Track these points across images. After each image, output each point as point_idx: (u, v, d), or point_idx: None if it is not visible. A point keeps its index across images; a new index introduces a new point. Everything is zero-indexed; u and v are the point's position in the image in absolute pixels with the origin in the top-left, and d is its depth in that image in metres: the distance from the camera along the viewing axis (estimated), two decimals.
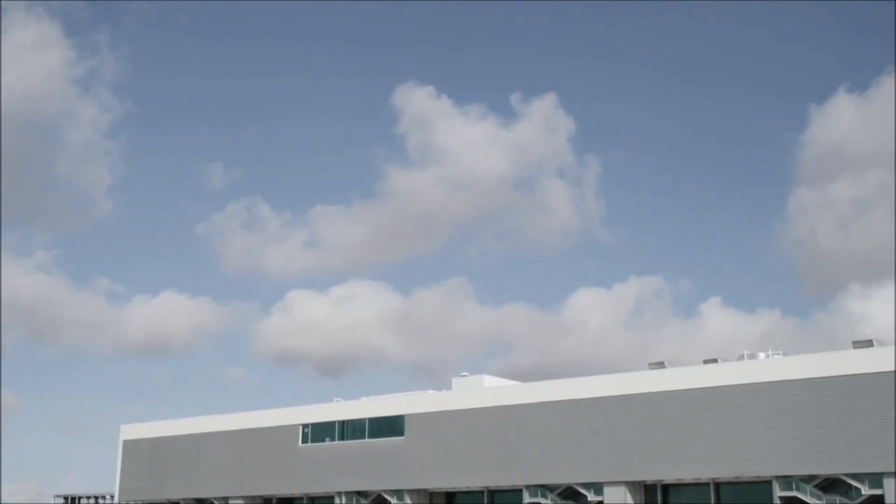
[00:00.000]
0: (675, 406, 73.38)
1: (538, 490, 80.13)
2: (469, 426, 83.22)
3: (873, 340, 69.93)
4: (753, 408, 70.11)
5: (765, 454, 69.26)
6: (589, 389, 78.22)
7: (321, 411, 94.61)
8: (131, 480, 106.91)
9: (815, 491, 68.60)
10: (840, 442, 66.69)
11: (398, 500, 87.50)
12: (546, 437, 78.90)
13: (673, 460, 72.98)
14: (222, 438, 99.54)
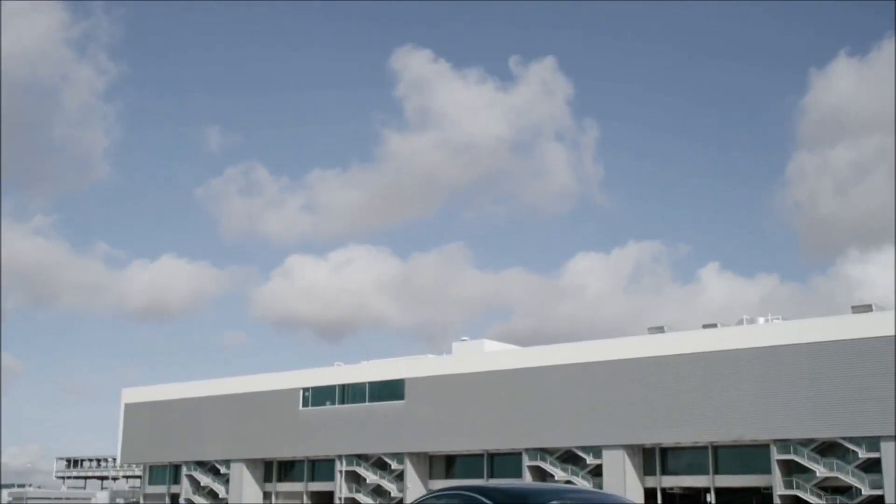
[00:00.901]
0: (674, 370, 73.69)
1: (537, 454, 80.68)
2: (469, 390, 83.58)
3: (872, 305, 70.15)
4: (752, 372, 70.43)
5: (763, 418, 69.67)
6: (588, 354, 78.53)
7: (321, 375, 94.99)
8: (133, 443, 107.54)
9: (812, 454, 69.12)
10: (838, 406, 67.10)
11: (398, 463, 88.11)
12: (545, 401, 79.29)
13: (671, 424, 73.41)
14: (223, 402, 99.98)
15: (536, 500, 8.75)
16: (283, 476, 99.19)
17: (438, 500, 9.73)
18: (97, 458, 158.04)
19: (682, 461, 76.61)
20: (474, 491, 9.22)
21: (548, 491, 9.55)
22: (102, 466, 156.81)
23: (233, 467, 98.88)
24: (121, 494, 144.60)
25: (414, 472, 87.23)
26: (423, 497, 9.96)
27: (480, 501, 8.93)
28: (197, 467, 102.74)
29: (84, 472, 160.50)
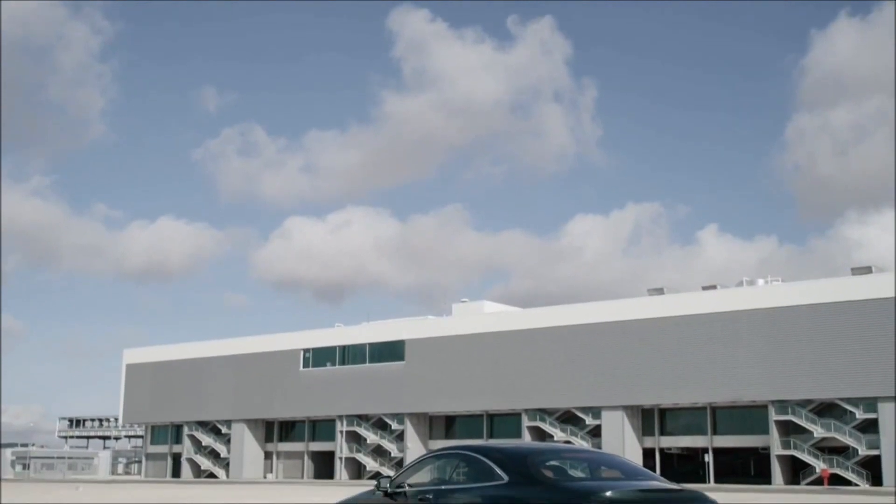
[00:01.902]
0: (674, 332, 73.92)
1: (537, 414, 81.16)
2: (469, 351, 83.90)
3: (872, 267, 70.22)
4: (752, 334, 70.65)
5: (762, 379, 70.01)
6: (588, 315, 78.72)
7: (322, 336, 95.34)
8: (135, 403, 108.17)
9: (809, 415, 69.55)
10: (837, 367, 67.40)
11: (398, 423, 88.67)
12: (545, 362, 79.61)
13: (670, 385, 73.77)
14: (224, 363, 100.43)
15: (536, 460, 8.78)
16: (284, 436, 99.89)
17: (438, 459, 9.78)
18: (99, 418, 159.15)
19: (680, 422, 77.13)
20: (473, 450, 9.27)
21: (547, 450, 9.60)
22: (105, 426, 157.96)
23: (234, 427, 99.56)
24: (123, 454, 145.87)
25: (414, 433, 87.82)
26: (423, 456, 10.02)
27: (479, 461, 8.98)
28: (198, 427, 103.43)
29: (86, 432, 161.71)
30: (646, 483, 8.46)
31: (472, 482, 8.86)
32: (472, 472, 9.01)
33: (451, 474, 9.27)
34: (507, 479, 8.48)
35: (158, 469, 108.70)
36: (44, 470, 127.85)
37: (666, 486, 8.36)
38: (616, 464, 9.42)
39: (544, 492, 8.03)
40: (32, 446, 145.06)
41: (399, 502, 9.51)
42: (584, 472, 9.18)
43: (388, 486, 9.75)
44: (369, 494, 10.16)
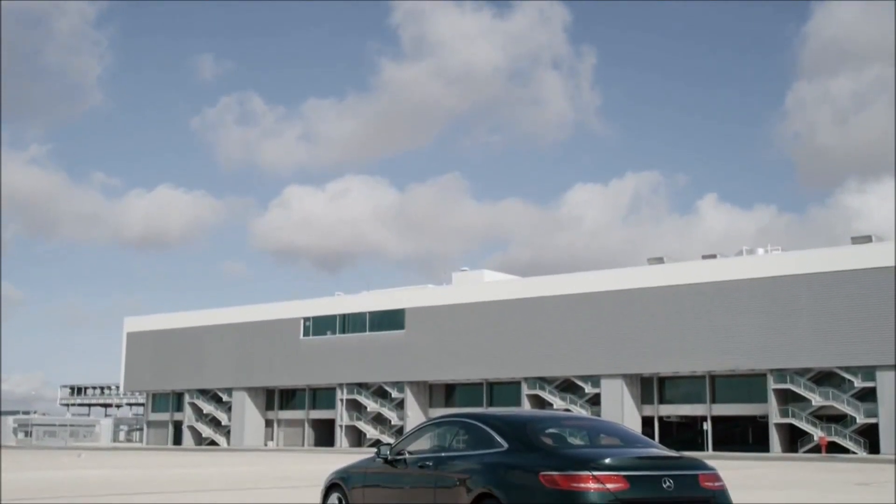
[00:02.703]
0: (673, 301, 74.04)
1: (536, 383, 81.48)
2: (469, 320, 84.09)
3: (872, 236, 70.22)
4: (751, 303, 70.76)
5: (760, 348, 70.22)
6: (588, 284, 78.81)
7: (322, 305, 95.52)
8: (136, 371, 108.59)
9: (808, 383, 69.82)
10: (836, 336, 67.56)
11: (398, 391, 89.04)
12: (545, 331, 79.81)
13: (669, 354, 74.00)
14: (225, 331, 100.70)
15: (535, 427, 8.82)
16: (284, 404, 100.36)
17: (438, 427, 9.82)
18: (100, 386, 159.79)
19: (679, 390, 77.46)
20: (473, 418, 9.31)
21: (546, 418, 9.64)
22: (106, 394, 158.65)
23: (235, 395, 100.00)
24: (124, 422, 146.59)
25: (414, 401, 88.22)
26: (423, 424, 10.06)
27: (479, 428, 9.02)
28: (199, 395, 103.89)
29: (88, 400, 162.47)
30: (645, 450, 8.50)
31: (472, 449, 8.90)
32: (471, 439, 9.06)
33: (450, 442, 9.31)
34: (507, 446, 8.53)
35: (160, 437, 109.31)
36: (46, 437, 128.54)
37: (665, 454, 8.40)
38: (615, 431, 9.46)
39: (543, 459, 8.07)
40: (34, 414, 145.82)
41: (399, 469, 9.57)
42: (584, 439, 9.22)
43: (388, 454, 9.81)
44: (370, 461, 10.22)
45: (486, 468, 8.41)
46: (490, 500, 8.15)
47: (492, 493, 8.13)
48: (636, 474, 7.83)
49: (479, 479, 8.36)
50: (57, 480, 26.02)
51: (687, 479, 8.05)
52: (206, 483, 25.07)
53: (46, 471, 32.69)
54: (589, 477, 7.65)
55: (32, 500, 17.99)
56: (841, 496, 20.74)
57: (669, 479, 7.92)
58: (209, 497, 19.68)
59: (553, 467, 7.85)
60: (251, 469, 35.39)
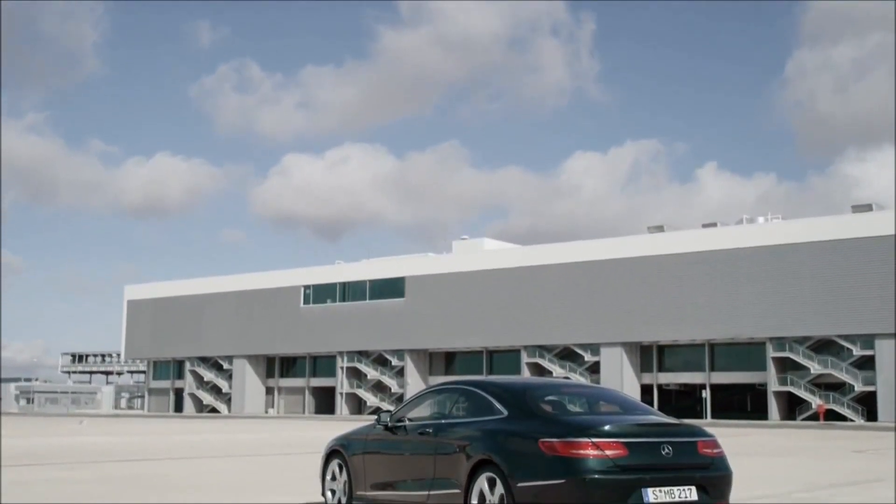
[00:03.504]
0: (673, 269, 74.09)
1: (536, 351, 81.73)
2: (469, 288, 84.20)
3: (872, 205, 70.16)
4: (751, 271, 70.82)
5: (760, 316, 70.36)
6: (589, 252, 78.82)
7: (322, 273, 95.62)
8: (136, 339, 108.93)
9: (807, 352, 70.04)
10: (835, 304, 67.68)
11: (398, 359, 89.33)
12: (545, 299, 79.93)
13: (669, 322, 74.15)
14: (225, 299, 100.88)
15: (535, 395, 8.86)
16: (285, 372, 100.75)
17: (438, 394, 9.85)
18: (101, 353, 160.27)
19: (678, 358, 77.70)
20: (473, 385, 9.34)
21: (546, 385, 9.67)
22: (107, 362, 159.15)
23: (235, 363, 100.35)
24: (126, 389, 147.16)
25: (414, 369, 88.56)
26: (423, 391, 10.10)
27: (479, 395, 9.05)
28: (200, 363, 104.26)
29: (89, 368, 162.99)
30: (644, 417, 8.54)
31: (472, 416, 8.95)
32: (471, 406, 9.09)
33: (450, 409, 9.35)
34: (507, 413, 8.56)
35: (161, 404, 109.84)
36: (47, 404, 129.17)
37: (664, 421, 8.44)
38: (614, 399, 9.50)
39: (543, 426, 8.11)
40: (35, 381, 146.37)
41: (399, 436, 9.62)
42: (583, 406, 9.26)
43: (388, 421, 9.85)
44: (370, 429, 10.27)
45: (486, 435, 8.45)
46: (489, 466, 8.20)
47: (491, 459, 8.18)
48: (635, 441, 7.88)
49: (479, 446, 8.41)
50: (59, 447, 26.18)
51: (686, 446, 8.10)
52: (208, 450, 25.23)
53: (49, 437, 32.89)
54: (588, 444, 7.70)
55: (36, 465, 18.11)
56: (838, 463, 20.89)
57: (668, 446, 7.97)
58: (212, 463, 19.82)
59: (552, 434, 7.89)
60: (252, 436, 35.59)
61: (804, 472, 18.20)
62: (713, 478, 8.13)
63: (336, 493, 10.42)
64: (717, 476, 8.16)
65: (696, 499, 7.95)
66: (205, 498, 12.29)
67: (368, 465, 9.94)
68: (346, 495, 10.22)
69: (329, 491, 10.54)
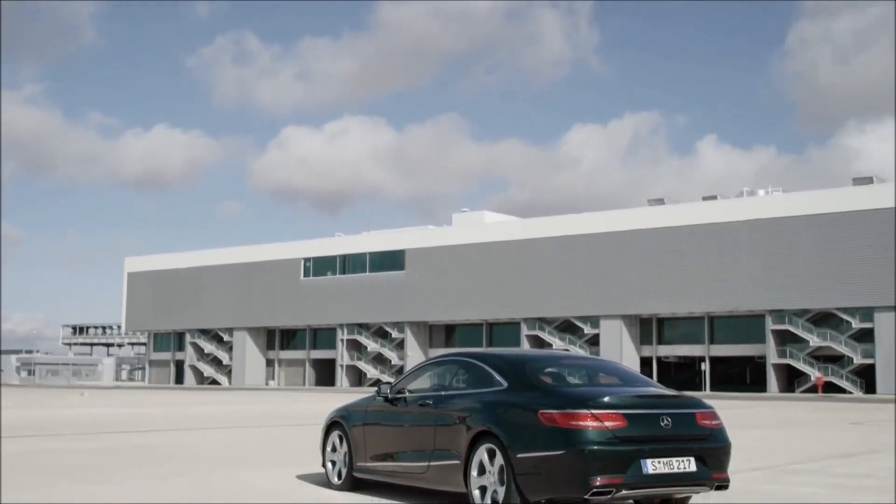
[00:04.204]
0: (673, 242, 74.09)
1: (536, 323, 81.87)
2: (469, 261, 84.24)
3: (873, 177, 70.04)
4: (751, 244, 70.83)
5: (759, 289, 70.44)
6: (589, 225, 78.80)
7: (322, 245, 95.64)
8: (137, 311, 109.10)
9: (806, 324, 70.16)
10: (834, 277, 67.74)
11: (398, 332, 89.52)
12: (545, 271, 79.99)
13: (668, 295, 74.25)
14: (226, 271, 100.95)
15: (534, 366, 8.87)
16: (285, 344, 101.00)
17: (438, 366, 9.87)
18: (102, 325, 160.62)
19: (678, 331, 77.87)
20: (473, 357, 9.35)
21: (546, 357, 9.69)
22: (108, 334, 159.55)
23: (236, 335, 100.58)
24: (126, 361, 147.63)
25: (414, 341, 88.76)
26: (423, 363, 10.12)
27: (479, 367, 9.07)
28: (200, 335, 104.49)
29: (89, 340, 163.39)
30: (643, 389, 8.56)
31: (472, 388, 8.97)
32: (471, 378, 9.11)
33: (450, 380, 9.38)
34: (506, 385, 8.58)
35: (161, 375, 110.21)
36: (49, 376, 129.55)
37: (663, 392, 8.46)
38: (614, 370, 9.52)
39: (542, 397, 8.13)
40: (37, 353, 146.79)
41: (399, 408, 9.65)
42: (582, 378, 9.27)
43: (388, 392, 9.88)
44: (370, 400, 10.30)
45: (486, 406, 8.48)
46: (489, 437, 8.23)
47: (491, 430, 8.21)
48: (634, 412, 7.90)
49: (479, 418, 8.43)
50: (60, 418, 26.29)
51: (685, 418, 8.13)
52: (208, 421, 25.34)
53: (50, 409, 33.02)
54: (587, 415, 7.72)
55: (36, 436, 18.20)
56: (835, 435, 20.98)
57: (667, 418, 8.00)
58: (212, 434, 19.91)
59: (552, 406, 7.91)
60: (253, 407, 35.74)
61: (802, 443, 18.30)
62: (712, 449, 8.16)
63: (336, 464, 10.47)
64: (715, 447, 8.20)
65: (695, 470, 7.99)
66: (205, 468, 12.36)
67: (369, 436, 9.98)
68: (346, 466, 10.27)
69: (329, 462, 10.59)
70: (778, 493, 10.20)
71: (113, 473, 11.76)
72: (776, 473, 12.21)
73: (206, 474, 11.69)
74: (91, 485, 10.59)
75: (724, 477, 8.21)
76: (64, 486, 10.48)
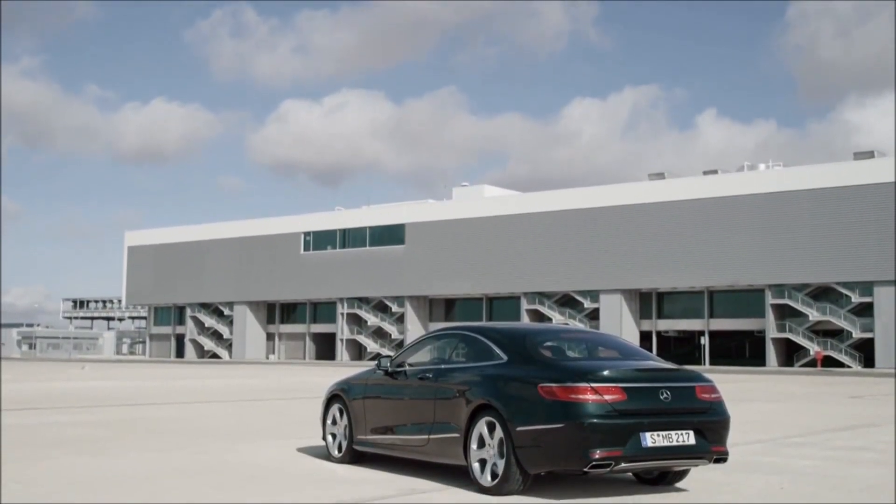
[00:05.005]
0: (673, 216, 74.02)
1: (536, 297, 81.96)
2: (469, 235, 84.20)
3: (874, 152, 69.89)
4: (751, 218, 70.77)
5: (759, 264, 70.46)
6: (589, 199, 78.71)
7: (322, 220, 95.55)
8: (137, 285, 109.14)
9: (806, 298, 70.24)
10: (834, 252, 67.74)
11: (398, 306, 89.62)
12: (544, 246, 79.98)
13: (668, 269, 74.28)
14: (226, 245, 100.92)
15: (534, 340, 8.86)
16: (285, 318, 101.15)
17: (438, 339, 9.87)
18: (103, 299, 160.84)
19: (677, 305, 77.96)
20: (473, 331, 9.35)
21: (545, 331, 9.68)
22: (108, 307, 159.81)
23: (236, 309, 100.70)
24: (127, 334, 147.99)
25: (414, 315, 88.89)
26: (423, 337, 10.12)
27: (479, 341, 9.06)
28: (201, 309, 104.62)
29: (90, 313, 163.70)
30: (642, 363, 8.56)
31: (472, 361, 8.97)
32: (471, 351, 9.11)
33: (450, 354, 9.38)
34: (506, 358, 8.58)
35: (162, 349, 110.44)
36: (50, 349, 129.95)
37: (662, 366, 8.46)
38: (614, 344, 9.52)
39: (542, 371, 8.13)
40: (37, 326, 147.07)
41: (399, 381, 9.65)
42: (582, 352, 9.27)
43: (388, 366, 9.88)
44: (370, 373, 10.31)
45: (486, 380, 8.48)
46: (489, 410, 8.24)
47: (491, 404, 8.22)
48: (634, 386, 7.90)
49: (479, 391, 8.44)
50: (61, 392, 26.37)
51: (684, 391, 8.13)
52: (208, 394, 25.42)
53: (51, 382, 33.10)
54: (587, 388, 7.72)
55: (37, 409, 18.25)
56: (834, 408, 21.04)
57: (667, 391, 8.00)
58: (212, 408, 19.96)
59: (551, 379, 7.91)
60: (254, 381, 35.83)
61: (801, 417, 18.35)
62: (711, 422, 8.17)
63: (337, 437, 10.49)
64: (714, 420, 8.20)
65: (694, 443, 8.00)
66: (205, 441, 12.39)
67: (369, 409, 9.99)
68: (346, 439, 10.29)
69: (330, 435, 10.61)
70: (777, 465, 10.22)
71: (113, 446, 11.79)
72: (775, 446, 12.24)
73: (206, 447, 11.72)
74: (91, 457, 10.62)
75: (723, 450, 8.23)
76: (64, 458, 10.52)
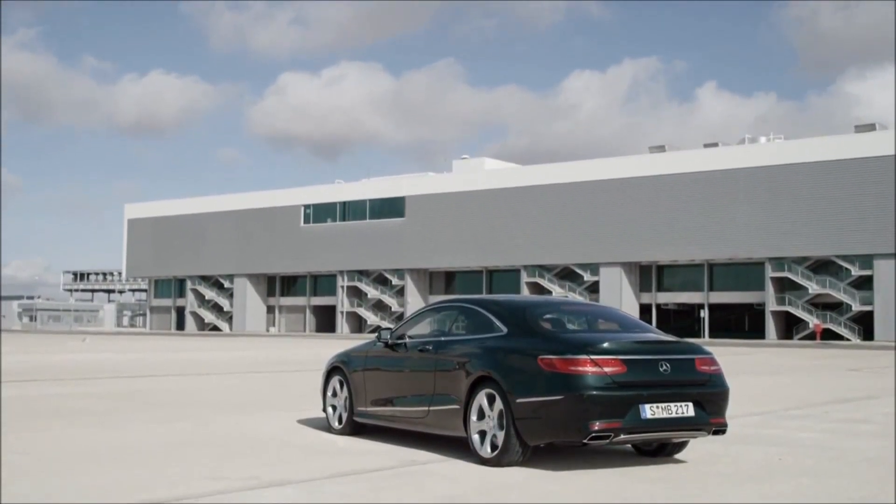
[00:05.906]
0: (673, 189, 73.93)
1: (535, 270, 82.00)
2: (469, 208, 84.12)
3: (876, 125, 69.70)
4: (751, 191, 70.68)
5: (759, 237, 70.46)
6: (589, 172, 78.58)
7: (322, 192, 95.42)
8: (137, 258, 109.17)
9: (805, 271, 70.29)
10: (834, 225, 67.72)
11: (399, 279, 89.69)
12: (544, 218, 79.92)
13: (668, 242, 74.27)
14: (226, 218, 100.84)
15: (534, 312, 8.87)
16: (285, 290, 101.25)
17: (438, 312, 9.87)
18: (103, 272, 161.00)
19: (677, 278, 78.04)
20: (473, 303, 9.35)
21: (545, 303, 9.69)
22: (108, 280, 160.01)
23: (236, 282, 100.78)
24: (128, 307, 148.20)
25: (414, 288, 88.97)
26: (423, 309, 10.12)
27: (479, 313, 9.06)
28: (201, 281, 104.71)
29: (90, 286, 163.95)
30: (642, 335, 8.56)
31: (472, 334, 8.97)
32: (471, 324, 9.12)
33: (450, 326, 9.38)
34: (506, 330, 8.59)
35: (163, 322, 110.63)
36: (50, 322, 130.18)
37: (662, 338, 8.47)
38: (614, 317, 9.52)
39: (542, 343, 8.14)
40: (38, 299, 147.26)
41: (399, 353, 9.67)
42: (582, 324, 9.28)
43: (388, 338, 9.89)
44: (370, 346, 10.32)
45: (486, 352, 8.49)
46: (489, 382, 8.25)
47: (491, 375, 8.23)
48: (633, 358, 7.91)
49: (479, 363, 8.45)
50: (62, 364, 26.43)
51: (683, 363, 8.14)
52: (209, 366, 25.48)
53: (52, 355, 33.18)
54: (587, 360, 7.73)
55: (37, 381, 18.30)
56: (833, 381, 21.10)
57: (666, 363, 8.01)
58: (213, 380, 20.02)
59: (551, 351, 7.92)
60: (254, 353, 35.93)
61: (799, 389, 18.40)
62: (710, 394, 8.19)
63: (337, 409, 10.52)
64: (714, 392, 8.22)
65: (693, 415, 8.02)
66: (206, 413, 12.43)
67: (369, 381, 10.01)
68: (346, 411, 10.32)
69: (330, 407, 10.64)
70: (776, 437, 10.26)
71: (114, 418, 11.83)
72: (774, 419, 12.28)
73: (207, 419, 11.76)
74: (92, 428, 10.65)
75: (722, 422, 8.25)
76: (66, 430, 10.55)
